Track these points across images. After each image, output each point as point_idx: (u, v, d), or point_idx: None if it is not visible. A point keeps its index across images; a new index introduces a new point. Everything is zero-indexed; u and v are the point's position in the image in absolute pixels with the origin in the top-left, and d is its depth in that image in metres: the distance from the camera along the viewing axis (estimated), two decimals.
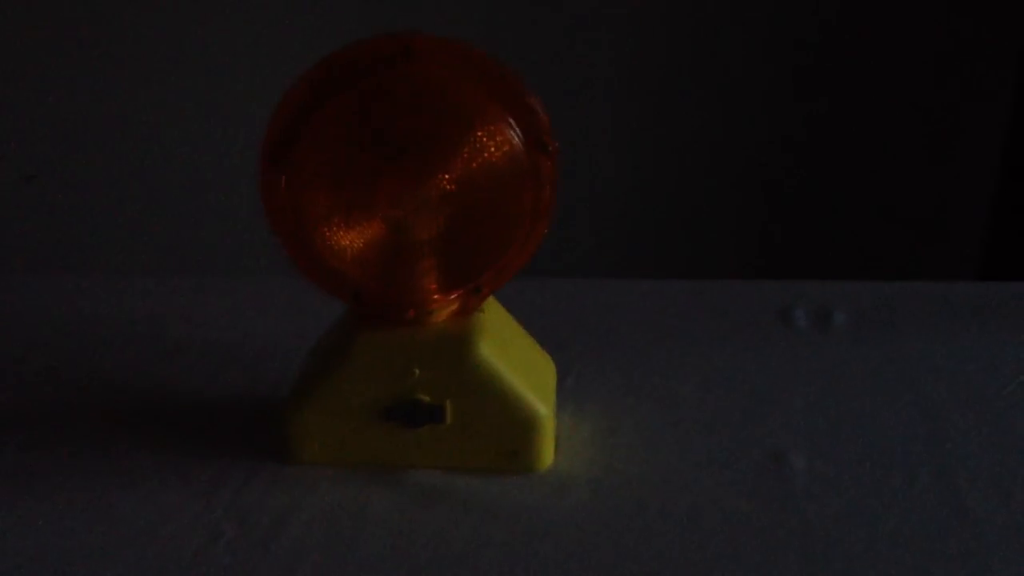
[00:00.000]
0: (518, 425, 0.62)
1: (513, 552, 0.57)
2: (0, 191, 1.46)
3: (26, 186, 1.43)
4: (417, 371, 0.61)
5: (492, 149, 0.57)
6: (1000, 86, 1.46)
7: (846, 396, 0.71)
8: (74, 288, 0.87)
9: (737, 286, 0.86)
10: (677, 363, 0.75)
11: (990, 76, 1.47)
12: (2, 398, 0.72)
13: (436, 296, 0.61)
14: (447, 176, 0.58)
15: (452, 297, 0.62)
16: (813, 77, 1.49)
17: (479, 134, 0.57)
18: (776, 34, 1.46)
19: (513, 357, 0.63)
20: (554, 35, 1.45)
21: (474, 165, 0.57)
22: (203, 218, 1.50)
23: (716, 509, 0.60)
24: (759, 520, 0.59)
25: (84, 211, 1.48)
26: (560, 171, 0.60)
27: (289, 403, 0.64)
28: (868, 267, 0.96)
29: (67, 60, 1.43)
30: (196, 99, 1.46)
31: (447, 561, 0.57)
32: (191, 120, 1.46)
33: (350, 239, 0.59)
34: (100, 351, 0.77)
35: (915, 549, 0.57)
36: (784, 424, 0.68)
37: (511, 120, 0.57)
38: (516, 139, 0.57)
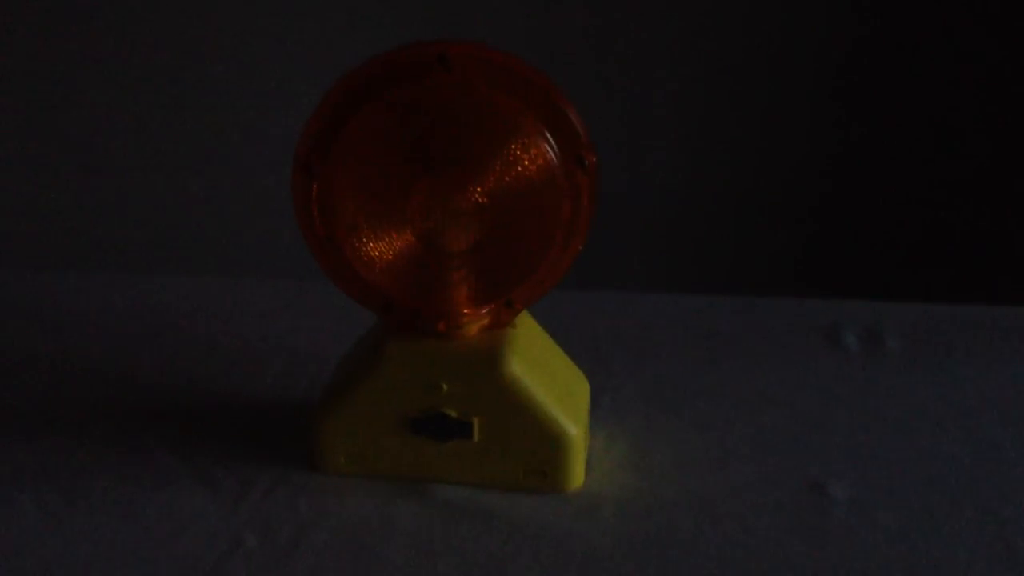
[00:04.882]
0: (547, 444, 0.61)
1: (535, 573, 0.56)
2: (42, 191, 1.48)
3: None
4: (445, 386, 0.60)
5: (527, 162, 0.56)
6: None
7: (891, 423, 0.69)
8: (108, 287, 0.87)
9: (783, 304, 0.84)
10: (717, 383, 0.73)
11: None
12: (32, 396, 0.72)
13: (467, 310, 0.60)
14: (480, 189, 0.56)
15: (484, 311, 0.60)
16: (867, 93, 1.46)
17: (514, 147, 0.55)
18: (829, 52, 1.44)
19: (544, 374, 0.62)
20: (598, 44, 1.43)
21: (508, 178, 0.56)
22: (244, 221, 1.51)
23: (748, 539, 0.58)
24: (793, 553, 0.57)
25: (123, 211, 1.50)
26: (599, 185, 0.58)
27: (317, 413, 0.63)
28: (919, 287, 0.94)
29: (106, 66, 1.44)
30: (236, 106, 1.46)
31: None
32: (233, 125, 1.47)
33: (380, 250, 0.58)
34: (132, 351, 0.77)
35: None
36: (825, 451, 0.66)
37: (547, 133, 0.56)
38: (551, 152, 0.56)
